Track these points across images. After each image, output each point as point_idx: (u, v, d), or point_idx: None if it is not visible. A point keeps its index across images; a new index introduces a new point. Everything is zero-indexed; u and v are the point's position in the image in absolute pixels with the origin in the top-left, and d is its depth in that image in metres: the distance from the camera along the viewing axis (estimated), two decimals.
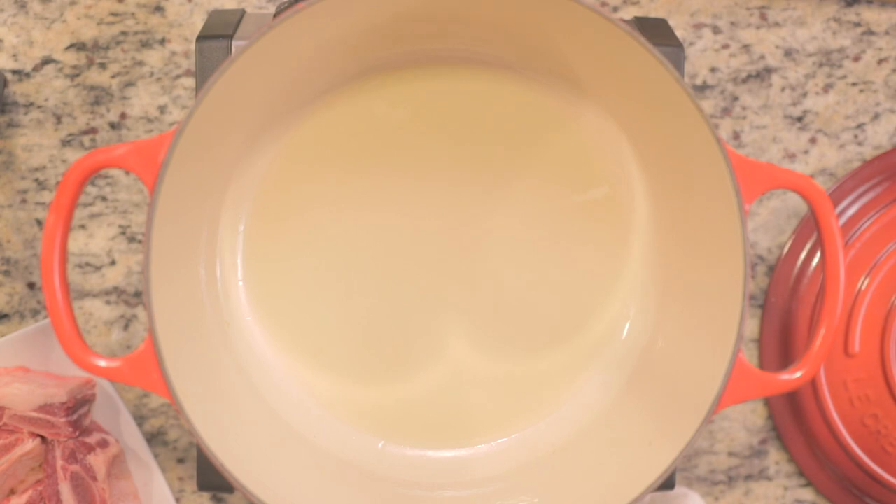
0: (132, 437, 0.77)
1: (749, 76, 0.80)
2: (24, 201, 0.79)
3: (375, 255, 0.69)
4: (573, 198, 0.69)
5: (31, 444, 0.74)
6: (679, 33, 0.79)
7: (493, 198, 0.69)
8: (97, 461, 0.74)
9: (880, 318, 0.79)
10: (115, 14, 0.78)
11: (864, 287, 0.79)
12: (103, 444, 0.75)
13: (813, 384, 0.80)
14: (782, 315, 0.81)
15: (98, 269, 0.79)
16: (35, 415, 0.73)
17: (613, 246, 0.69)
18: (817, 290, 0.80)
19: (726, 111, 0.80)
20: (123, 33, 0.78)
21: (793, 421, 0.81)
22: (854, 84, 0.80)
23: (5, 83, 0.78)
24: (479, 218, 0.69)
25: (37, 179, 0.79)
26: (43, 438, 0.74)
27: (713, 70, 0.80)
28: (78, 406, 0.74)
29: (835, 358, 0.79)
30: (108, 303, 0.80)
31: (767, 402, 0.82)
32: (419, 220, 0.69)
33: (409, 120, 0.68)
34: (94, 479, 0.74)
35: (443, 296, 0.70)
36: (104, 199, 0.79)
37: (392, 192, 0.69)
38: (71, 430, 0.73)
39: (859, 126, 0.81)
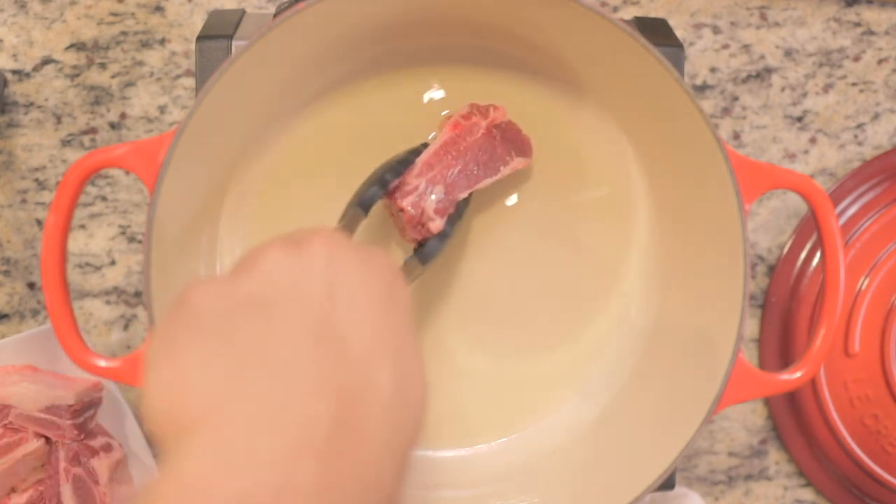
0: (136, 442, 0.77)
1: (749, 76, 0.80)
2: (24, 201, 0.79)
3: None
4: (573, 198, 0.69)
5: (34, 444, 0.74)
6: (679, 33, 0.79)
7: (493, 198, 0.69)
8: (100, 465, 0.74)
9: (880, 318, 0.79)
10: (115, 14, 0.78)
11: (864, 287, 0.79)
12: (107, 448, 0.75)
13: (813, 384, 0.80)
14: (782, 315, 0.81)
15: (98, 269, 0.79)
16: (41, 415, 0.73)
17: (613, 246, 0.69)
18: (817, 290, 0.80)
19: (726, 111, 0.80)
20: (123, 33, 0.78)
21: (793, 421, 0.81)
22: (854, 84, 0.80)
23: (5, 83, 0.78)
24: (479, 218, 0.69)
25: (37, 179, 0.79)
26: (47, 439, 0.74)
27: (713, 70, 0.80)
28: (84, 409, 0.74)
29: (835, 358, 0.79)
30: (108, 303, 0.80)
31: (767, 402, 0.82)
32: None
33: (409, 119, 0.68)
34: (97, 482, 0.74)
35: (443, 295, 0.70)
36: (104, 199, 0.79)
37: None
38: (76, 432, 0.73)
39: (859, 126, 0.81)
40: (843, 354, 0.79)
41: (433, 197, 0.64)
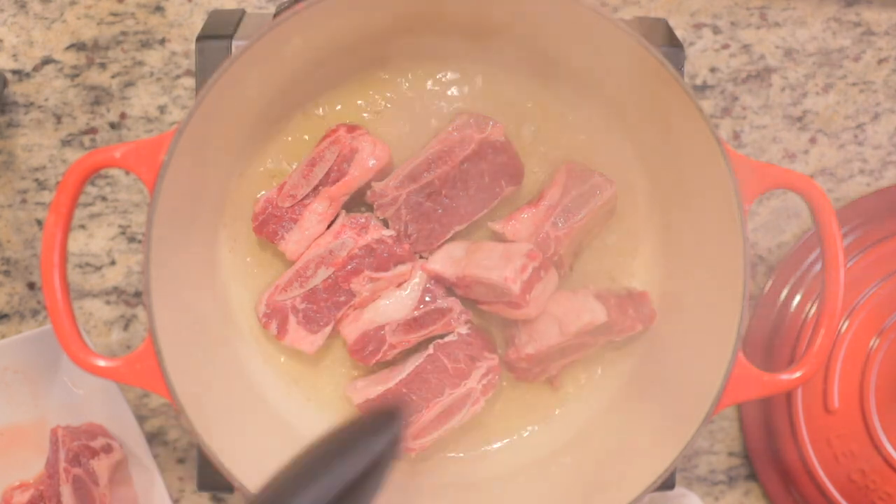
0: (136, 442, 0.77)
1: (749, 76, 0.80)
2: (24, 201, 0.79)
3: None
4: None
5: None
6: (679, 33, 0.79)
7: None
8: (100, 466, 0.74)
9: (858, 370, 0.77)
10: (115, 14, 0.78)
11: (842, 330, 0.78)
12: (107, 448, 0.75)
13: (796, 442, 0.78)
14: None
15: (98, 269, 0.79)
16: None
17: (614, 245, 0.69)
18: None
19: (726, 111, 0.80)
20: (123, 33, 0.78)
21: (780, 483, 0.80)
22: (854, 84, 0.80)
23: (5, 83, 0.78)
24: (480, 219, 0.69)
25: (37, 179, 0.79)
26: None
27: (713, 70, 0.80)
28: None
29: (815, 415, 0.77)
30: (108, 303, 0.80)
31: (754, 465, 0.80)
32: None
33: (410, 118, 0.68)
34: (96, 483, 0.73)
35: None
36: (104, 199, 0.79)
37: None
38: None
39: (859, 126, 0.81)
40: (823, 411, 0.78)
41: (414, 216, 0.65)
